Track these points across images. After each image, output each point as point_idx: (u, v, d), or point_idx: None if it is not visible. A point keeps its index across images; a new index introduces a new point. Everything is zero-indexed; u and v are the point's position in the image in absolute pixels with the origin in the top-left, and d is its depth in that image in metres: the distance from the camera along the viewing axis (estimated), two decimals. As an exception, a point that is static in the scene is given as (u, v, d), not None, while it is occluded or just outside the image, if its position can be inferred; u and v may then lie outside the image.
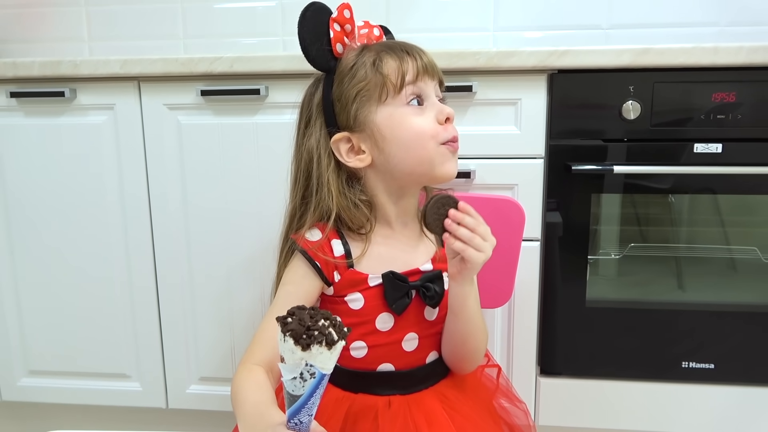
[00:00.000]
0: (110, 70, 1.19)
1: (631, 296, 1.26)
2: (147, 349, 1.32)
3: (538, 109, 1.14)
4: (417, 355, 0.80)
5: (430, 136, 0.77)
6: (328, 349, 0.50)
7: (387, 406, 0.77)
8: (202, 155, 1.23)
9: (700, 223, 1.26)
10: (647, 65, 1.09)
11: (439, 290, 0.80)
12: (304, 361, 0.50)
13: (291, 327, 0.50)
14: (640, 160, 1.13)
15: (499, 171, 1.16)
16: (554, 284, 1.20)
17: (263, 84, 1.18)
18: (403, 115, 0.77)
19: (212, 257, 1.26)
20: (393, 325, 0.79)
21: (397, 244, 0.82)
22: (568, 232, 1.17)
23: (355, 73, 0.78)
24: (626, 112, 1.11)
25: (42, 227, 1.30)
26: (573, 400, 1.24)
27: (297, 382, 0.51)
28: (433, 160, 0.77)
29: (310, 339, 0.49)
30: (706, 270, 1.26)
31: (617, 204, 1.22)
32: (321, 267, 0.78)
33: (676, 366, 1.20)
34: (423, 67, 0.78)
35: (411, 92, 0.78)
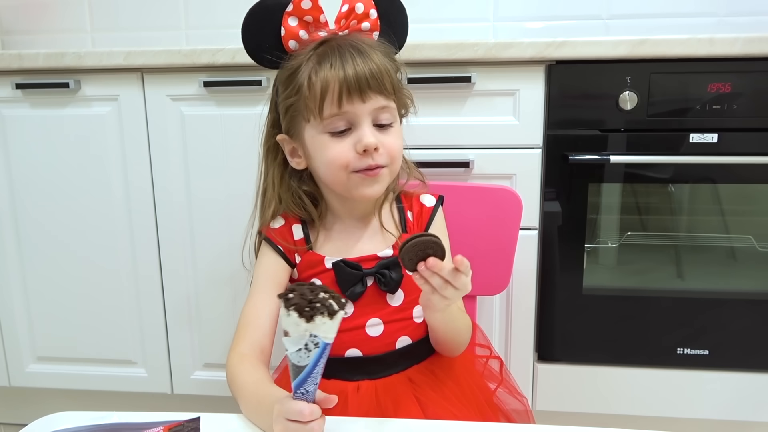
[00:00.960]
0: (114, 61, 1.21)
1: (627, 284, 1.28)
2: (152, 335, 1.35)
3: (536, 99, 1.15)
4: (384, 340, 0.80)
5: (340, 167, 0.74)
6: (330, 319, 0.53)
7: (356, 390, 0.77)
8: (205, 146, 1.25)
9: (695, 211, 1.27)
10: (644, 56, 1.10)
11: (395, 276, 0.79)
12: (308, 333, 0.53)
13: (294, 301, 0.53)
14: (636, 149, 1.15)
15: (498, 161, 1.18)
16: (552, 272, 1.22)
17: (265, 75, 1.19)
18: (321, 142, 0.75)
19: (215, 246, 1.28)
20: (353, 311, 0.79)
21: (355, 231, 0.83)
22: (566, 221, 1.19)
23: (290, 83, 0.76)
24: (623, 102, 1.13)
25: (48, 217, 1.32)
26: (570, 385, 1.26)
27: (302, 353, 0.54)
28: (346, 186, 0.76)
29: (314, 311, 0.52)
30: (702, 258, 1.28)
31: (614, 193, 1.24)
32: (283, 250, 0.81)
33: (671, 352, 1.22)
34: (351, 88, 0.71)
35: (332, 119, 0.73)
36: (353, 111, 0.73)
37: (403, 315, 0.81)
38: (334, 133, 0.74)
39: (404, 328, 0.81)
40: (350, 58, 0.72)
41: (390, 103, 0.76)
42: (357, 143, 0.73)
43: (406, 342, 0.81)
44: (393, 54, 0.80)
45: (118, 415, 0.62)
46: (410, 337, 0.82)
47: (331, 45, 0.75)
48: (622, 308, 1.22)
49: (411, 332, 0.82)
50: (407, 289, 0.81)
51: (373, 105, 0.74)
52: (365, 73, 0.72)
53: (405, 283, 0.81)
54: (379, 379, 0.79)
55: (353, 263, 0.79)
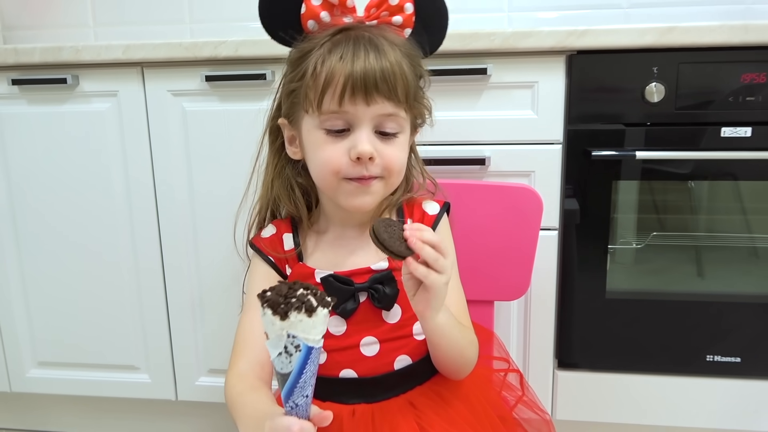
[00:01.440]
0: (112, 55, 1.16)
1: (652, 287, 1.21)
2: (155, 340, 1.30)
3: (556, 92, 1.09)
4: (380, 360, 0.73)
5: (331, 171, 0.68)
6: (308, 316, 0.48)
7: (351, 415, 0.71)
8: (207, 143, 1.19)
9: (724, 210, 1.20)
10: (672, 45, 1.03)
11: (389, 292, 0.72)
12: (285, 332, 0.48)
13: (268, 298, 0.49)
14: (663, 145, 1.08)
15: (515, 157, 1.12)
16: (572, 275, 1.15)
17: (269, 68, 1.14)
18: (316, 139, 0.69)
19: (220, 247, 1.23)
20: (346, 328, 0.73)
21: (349, 240, 0.76)
22: (587, 221, 1.13)
23: (297, 66, 0.70)
24: (649, 94, 1.06)
25: (47, 218, 1.27)
26: (592, 394, 1.20)
27: (283, 358, 0.49)
28: (335, 192, 0.70)
29: (288, 306, 0.48)
30: (731, 259, 1.20)
31: (639, 191, 1.17)
32: (275, 262, 0.76)
33: (700, 359, 1.15)
34: (356, 86, 0.65)
35: (330, 115, 0.67)
36: (354, 112, 0.67)
37: (402, 333, 0.74)
38: (331, 131, 0.68)
39: (403, 346, 0.74)
40: (363, 53, 0.65)
41: (398, 112, 0.69)
42: (351, 149, 0.67)
43: (405, 362, 0.74)
44: (418, 58, 0.72)
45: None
46: (410, 357, 0.74)
47: (349, 35, 0.68)
48: (646, 312, 1.16)
49: (411, 351, 0.74)
50: (405, 305, 0.74)
51: (378, 111, 0.67)
52: (375, 73, 0.65)
53: (402, 298, 0.73)
54: (377, 402, 0.72)
55: (344, 278, 0.73)
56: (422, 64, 0.74)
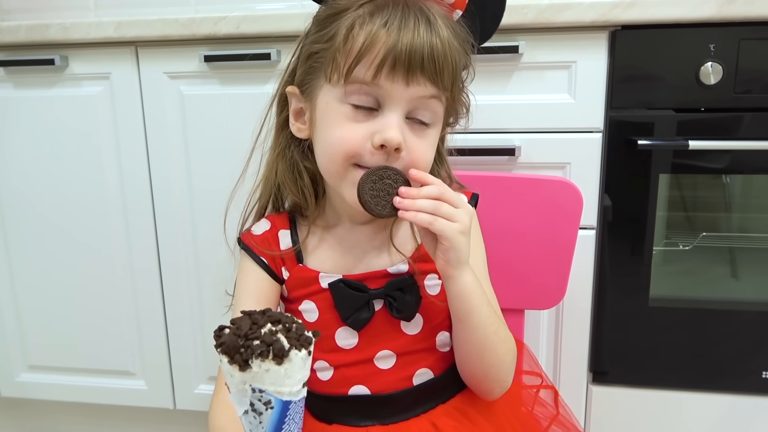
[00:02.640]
0: (103, 33, 1.06)
1: (702, 294, 1.08)
2: (151, 344, 1.21)
3: (597, 73, 0.97)
4: (397, 374, 0.63)
5: (344, 153, 0.57)
6: (278, 364, 0.36)
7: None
8: (207, 129, 1.09)
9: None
10: (733, 18, 0.90)
11: (409, 300, 0.62)
12: (247, 385, 0.37)
13: (223, 341, 0.37)
14: (720, 134, 0.95)
15: (549, 147, 1.00)
16: (612, 279, 1.03)
17: (274, 47, 1.03)
18: (335, 113, 0.58)
19: (221, 242, 1.12)
20: (358, 341, 0.63)
21: (360, 239, 0.65)
22: (630, 219, 1.00)
23: (326, 25, 0.59)
24: (705, 76, 0.93)
25: (37, 211, 1.18)
26: (630, 412, 1.08)
27: (251, 417, 0.38)
28: (340, 180, 0.60)
29: (248, 352, 0.36)
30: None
31: (690, 186, 1.05)
32: (268, 263, 0.65)
33: (756, 376, 1.03)
34: (398, 60, 0.55)
35: (359, 87, 0.57)
36: (388, 90, 0.56)
37: (423, 345, 0.64)
38: (356, 107, 0.57)
39: (424, 359, 0.64)
40: (414, 24, 0.55)
41: (439, 98, 0.58)
42: (376, 133, 0.56)
43: (427, 376, 0.64)
44: (468, 45, 0.62)
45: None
46: (432, 370, 0.64)
47: (401, 1, 0.57)
48: (695, 322, 1.03)
49: (433, 363, 0.64)
50: (428, 314, 0.63)
51: (417, 93, 0.56)
52: (424, 48, 0.55)
53: (424, 307, 0.63)
54: (393, 424, 0.62)
55: (356, 283, 0.62)
56: (470, 53, 0.63)
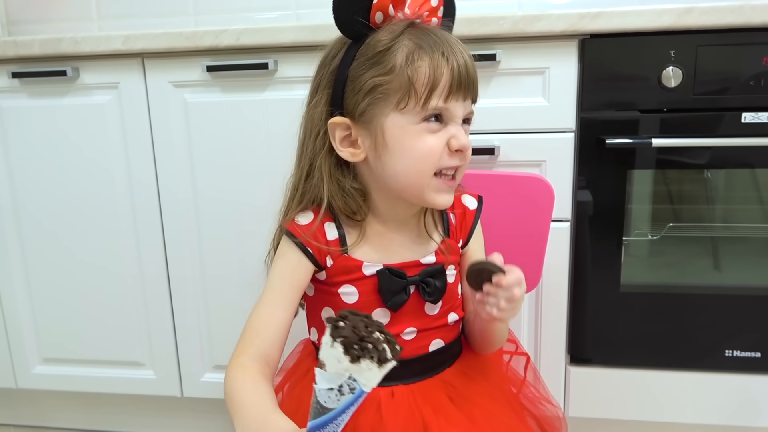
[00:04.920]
0: (112, 46, 1.14)
1: (669, 280, 1.17)
2: (159, 336, 1.28)
3: (568, 78, 1.05)
4: (417, 343, 0.74)
5: (430, 164, 0.68)
6: (379, 367, 0.45)
7: (390, 396, 0.71)
8: (210, 135, 1.17)
9: (742, 200, 1.16)
10: (690, 27, 0.99)
11: (440, 285, 0.74)
12: (348, 374, 0.44)
13: (344, 333, 0.44)
14: (681, 132, 1.04)
15: (526, 146, 1.08)
16: (586, 268, 1.12)
17: (272, 57, 1.11)
18: (417, 132, 0.67)
19: (224, 241, 1.21)
20: (390, 320, 0.73)
21: (395, 235, 0.75)
22: (601, 212, 1.09)
23: (380, 60, 0.66)
24: (666, 79, 1.02)
25: (50, 215, 1.26)
26: (606, 390, 1.16)
27: (333, 393, 0.45)
28: (423, 188, 0.69)
29: (362, 351, 0.44)
30: (748, 251, 1.16)
31: (654, 181, 1.13)
32: (313, 253, 0.72)
33: (719, 354, 1.11)
34: (459, 83, 0.67)
35: (435, 110, 0.67)
36: (453, 107, 0.68)
37: (439, 323, 0.76)
38: (430, 124, 0.68)
39: (438, 332, 0.76)
40: (459, 51, 0.68)
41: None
42: (452, 138, 0.68)
43: (439, 344, 0.76)
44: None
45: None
46: (443, 340, 0.76)
47: (428, 30, 0.68)
48: (663, 306, 1.12)
49: (444, 335, 0.77)
50: (446, 298, 0.76)
51: (468, 107, 0.70)
52: (470, 69, 0.68)
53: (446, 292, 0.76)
54: (413, 383, 0.73)
55: (397, 270, 0.72)
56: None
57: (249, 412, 0.60)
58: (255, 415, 0.59)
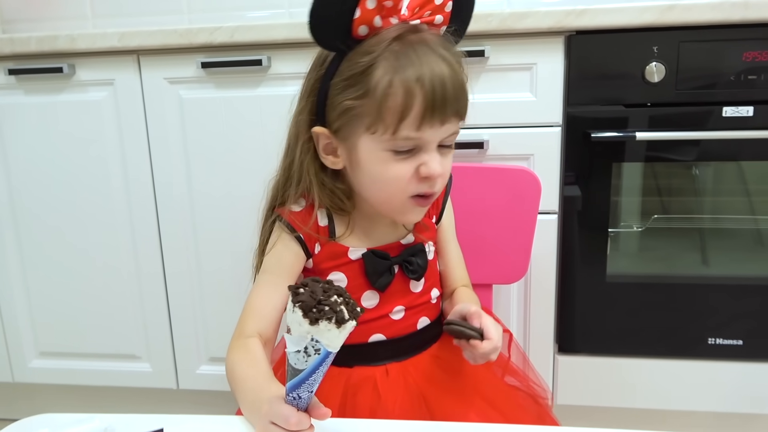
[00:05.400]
0: (108, 43, 1.15)
1: (654, 271, 1.20)
2: (155, 329, 1.30)
3: (555, 73, 1.08)
4: (406, 322, 0.77)
5: (399, 191, 0.67)
6: (337, 328, 0.47)
7: (385, 374, 0.74)
8: (205, 131, 1.19)
9: (727, 192, 1.19)
10: (672, 23, 1.02)
11: (421, 263, 0.76)
12: (310, 336, 0.47)
13: (301, 298, 0.47)
14: (664, 126, 1.07)
15: (514, 141, 1.11)
16: (573, 259, 1.14)
17: (265, 54, 1.13)
18: (382, 159, 0.66)
19: (219, 234, 1.23)
20: (378, 301, 0.75)
21: (374, 220, 0.76)
22: (588, 204, 1.12)
23: (355, 83, 0.64)
24: (650, 74, 1.05)
25: (47, 209, 1.27)
26: (593, 378, 1.19)
27: (301, 355, 0.48)
28: (394, 209, 0.70)
29: (320, 314, 0.46)
30: (735, 242, 1.19)
31: (639, 174, 1.16)
32: (304, 238, 0.74)
33: (702, 343, 1.14)
34: (433, 109, 0.62)
35: (405, 140, 0.64)
36: (428, 136, 0.64)
37: (424, 299, 0.79)
38: (399, 151, 0.65)
39: (424, 309, 0.79)
40: (438, 71, 0.62)
41: (458, 126, 0.67)
42: (422, 166, 0.65)
43: (425, 322, 0.79)
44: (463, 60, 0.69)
45: (100, 417, 0.56)
46: (429, 317, 0.79)
47: (411, 45, 0.63)
48: (648, 296, 1.15)
49: (429, 312, 0.80)
50: (427, 275, 0.79)
51: (449, 130, 0.66)
52: (452, 94, 0.63)
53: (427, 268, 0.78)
54: (406, 360, 0.76)
55: (382, 252, 0.74)
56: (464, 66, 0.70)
57: (247, 384, 0.63)
58: (252, 387, 0.62)
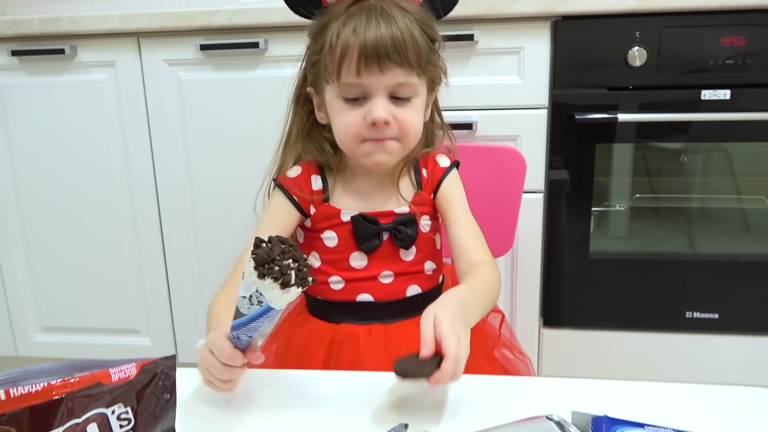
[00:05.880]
0: (109, 25, 1.19)
1: (635, 248, 1.26)
2: (155, 303, 1.35)
3: (542, 57, 1.12)
4: (395, 287, 0.80)
5: (351, 136, 0.73)
6: (281, 289, 0.50)
7: (368, 332, 0.78)
8: (203, 111, 1.23)
9: (706, 173, 1.24)
10: (654, 9, 1.06)
11: (411, 233, 0.79)
12: (255, 287, 0.51)
13: (258, 251, 0.50)
14: (646, 108, 1.11)
15: (502, 122, 1.15)
16: (558, 236, 1.19)
17: (262, 37, 1.17)
18: (337, 107, 0.73)
19: (217, 211, 1.27)
20: (367, 263, 0.80)
21: (372, 188, 0.82)
22: (572, 184, 1.16)
23: (317, 38, 0.74)
24: (632, 59, 1.09)
25: (49, 187, 1.31)
26: (576, 351, 1.24)
27: (246, 302, 0.52)
28: (356, 154, 0.76)
29: (268, 271, 0.50)
30: (712, 220, 1.25)
31: (623, 154, 1.21)
32: (298, 201, 0.80)
33: (680, 316, 1.20)
34: (368, 57, 0.68)
35: (347, 87, 0.71)
36: (369, 82, 0.71)
37: (415, 269, 0.82)
38: (348, 99, 0.73)
39: (415, 279, 0.82)
40: (374, 25, 0.69)
41: (410, 78, 0.72)
42: (367, 115, 0.71)
43: (416, 291, 0.81)
44: (431, 22, 0.76)
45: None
46: (420, 287, 0.82)
47: (362, 6, 0.71)
48: (630, 272, 1.20)
49: (421, 282, 0.82)
50: (420, 246, 0.81)
51: (391, 79, 0.71)
52: (386, 43, 0.68)
53: (419, 240, 0.81)
54: (390, 324, 0.80)
55: (371, 217, 0.79)
56: (435, 28, 0.77)
57: (212, 321, 0.69)
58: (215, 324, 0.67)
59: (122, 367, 0.35)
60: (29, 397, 0.32)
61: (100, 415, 0.34)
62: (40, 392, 0.32)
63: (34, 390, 0.32)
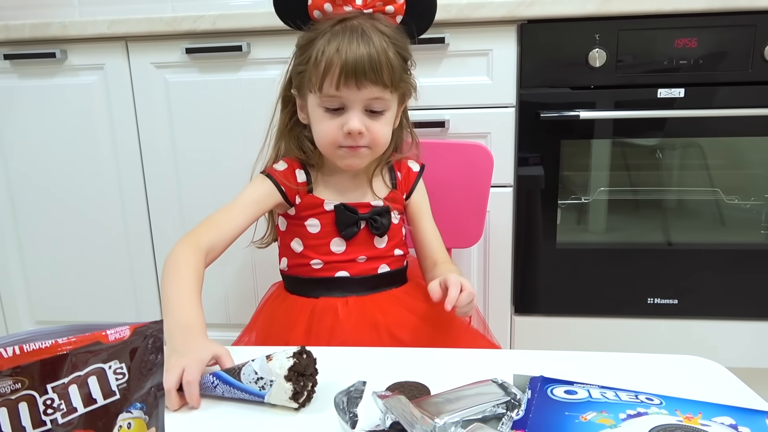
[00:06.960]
0: (98, 30, 1.24)
1: (600, 238, 1.33)
2: (145, 296, 1.40)
3: (509, 59, 1.19)
4: (368, 266, 0.90)
5: (328, 142, 0.83)
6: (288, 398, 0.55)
7: (345, 304, 0.87)
8: (190, 113, 1.28)
9: (664, 166, 1.31)
10: (612, 13, 1.13)
11: (385, 223, 0.89)
12: (272, 379, 0.56)
13: (301, 360, 0.56)
14: (606, 106, 1.19)
15: (472, 120, 1.22)
16: (527, 228, 1.26)
17: (245, 41, 1.23)
18: (318, 115, 0.83)
19: (204, 206, 1.32)
20: (345, 248, 0.88)
21: (350, 184, 0.91)
22: (539, 178, 1.23)
23: (303, 51, 0.83)
24: (592, 60, 1.16)
25: (40, 189, 1.36)
26: (545, 337, 1.31)
27: (253, 376, 0.57)
28: (331, 156, 0.85)
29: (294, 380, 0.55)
30: (670, 211, 1.32)
31: (586, 150, 1.28)
32: (285, 191, 0.88)
33: (642, 302, 1.27)
34: (348, 74, 0.77)
35: (327, 98, 0.80)
36: (347, 96, 0.80)
37: (387, 254, 0.91)
38: (328, 109, 0.82)
39: (385, 260, 0.91)
40: (355, 45, 0.78)
41: (384, 94, 0.82)
42: (344, 125, 0.81)
43: (385, 269, 0.91)
44: (404, 43, 0.85)
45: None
46: (389, 266, 0.91)
47: (345, 26, 0.80)
48: (595, 261, 1.27)
49: (390, 263, 0.92)
50: (391, 235, 0.91)
51: (367, 95, 0.80)
52: (365, 63, 0.77)
53: (391, 229, 0.90)
54: (366, 296, 0.88)
55: (351, 207, 0.88)
56: (408, 49, 0.86)
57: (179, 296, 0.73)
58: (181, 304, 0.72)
59: (118, 329, 0.41)
60: (40, 352, 0.38)
61: (100, 369, 0.40)
62: (48, 348, 0.38)
63: (44, 346, 0.38)
